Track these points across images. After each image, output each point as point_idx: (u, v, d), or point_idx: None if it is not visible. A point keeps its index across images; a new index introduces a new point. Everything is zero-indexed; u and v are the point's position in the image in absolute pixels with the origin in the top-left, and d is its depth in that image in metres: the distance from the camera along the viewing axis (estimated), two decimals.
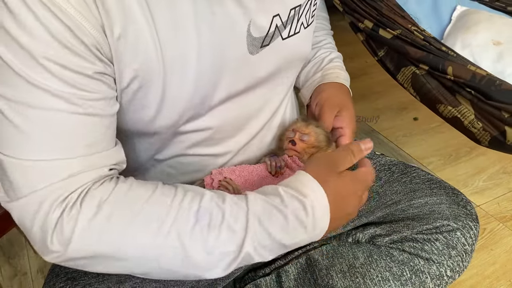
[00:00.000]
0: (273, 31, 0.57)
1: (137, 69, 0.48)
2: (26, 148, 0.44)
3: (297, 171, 0.53)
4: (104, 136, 0.49)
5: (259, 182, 0.62)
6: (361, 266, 0.64)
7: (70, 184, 0.45)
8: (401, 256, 0.65)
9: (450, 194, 0.73)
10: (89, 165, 0.47)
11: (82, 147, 0.46)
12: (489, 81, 0.74)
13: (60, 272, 0.62)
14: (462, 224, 0.68)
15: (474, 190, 1.28)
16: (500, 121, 0.74)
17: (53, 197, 0.44)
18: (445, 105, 0.82)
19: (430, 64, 0.81)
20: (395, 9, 0.87)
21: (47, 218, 0.44)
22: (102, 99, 0.47)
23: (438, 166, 1.37)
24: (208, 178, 0.62)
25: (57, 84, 0.43)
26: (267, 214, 0.47)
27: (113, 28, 0.45)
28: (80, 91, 0.45)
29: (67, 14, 0.42)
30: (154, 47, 0.48)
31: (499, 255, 1.07)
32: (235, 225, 0.46)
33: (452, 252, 0.65)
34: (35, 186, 0.44)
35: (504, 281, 1.01)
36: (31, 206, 0.45)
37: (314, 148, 0.66)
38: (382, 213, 0.72)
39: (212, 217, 0.47)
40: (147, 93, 0.51)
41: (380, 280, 0.63)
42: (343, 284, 0.63)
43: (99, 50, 0.45)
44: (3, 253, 1.10)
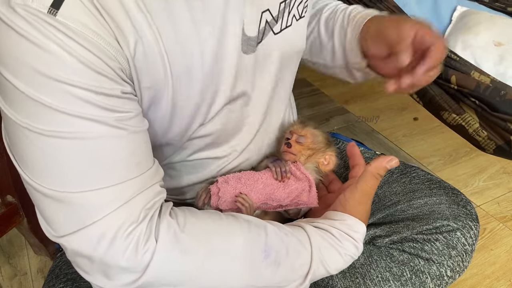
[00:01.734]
0: (263, 27, 0.57)
1: (150, 84, 0.49)
2: (78, 180, 0.44)
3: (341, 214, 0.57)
4: (147, 152, 0.49)
5: (264, 190, 0.62)
6: (361, 267, 0.64)
7: (132, 208, 0.45)
8: (401, 257, 0.65)
9: (450, 194, 0.73)
10: (143, 185, 0.47)
11: (133, 168, 0.46)
12: (493, 91, 0.73)
13: (60, 273, 0.62)
14: (462, 224, 0.68)
15: (474, 190, 1.28)
16: (505, 131, 0.74)
17: (116, 225, 0.44)
18: (449, 112, 0.81)
19: None
20: (395, 10, 0.85)
21: (112, 247, 0.44)
22: (135, 116, 0.47)
23: (438, 166, 1.37)
24: (215, 187, 0.61)
25: (93, 110, 0.43)
26: (327, 253, 0.53)
27: (129, 46, 0.45)
28: (116, 113, 0.44)
29: (88, 40, 0.41)
30: (162, 61, 0.48)
31: (499, 255, 1.07)
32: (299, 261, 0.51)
33: (452, 252, 0.65)
34: (95, 215, 0.44)
35: (504, 281, 1.01)
36: (92, 237, 0.44)
37: (310, 150, 0.66)
38: (381, 214, 0.72)
39: (278, 254, 0.50)
40: (158, 107, 0.51)
41: (380, 281, 0.63)
42: (343, 285, 0.63)
43: (123, 71, 0.46)
44: (3, 253, 1.10)
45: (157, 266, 0.45)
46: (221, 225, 0.50)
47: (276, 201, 0.62)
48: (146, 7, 0.45)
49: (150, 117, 0.52)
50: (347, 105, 1.68)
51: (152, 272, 0.45)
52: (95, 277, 0.46)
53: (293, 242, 0.52)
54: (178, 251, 0.46)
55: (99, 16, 0.42)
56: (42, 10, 0.39)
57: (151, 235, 0.45)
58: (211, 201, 0.61)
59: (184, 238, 0.47)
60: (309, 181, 0.63)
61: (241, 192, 0.61)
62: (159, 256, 0.45)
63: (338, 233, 0.54)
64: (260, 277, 0.49)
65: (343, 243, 0.54)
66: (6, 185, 0.92)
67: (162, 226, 0.46)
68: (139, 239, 0.44)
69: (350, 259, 0.55)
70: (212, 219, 0.51)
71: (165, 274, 0.46)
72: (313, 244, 0.52)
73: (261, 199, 0.61)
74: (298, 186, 0.63)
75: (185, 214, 0.50)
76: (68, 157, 0.43)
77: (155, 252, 0.45)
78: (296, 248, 0.51)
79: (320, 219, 0.57)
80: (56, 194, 0.44)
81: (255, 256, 0.49)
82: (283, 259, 0.50)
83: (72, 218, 0.44)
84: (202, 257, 0.47)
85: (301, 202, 0.63)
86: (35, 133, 0.42)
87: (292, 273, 0.51)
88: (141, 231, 0.45)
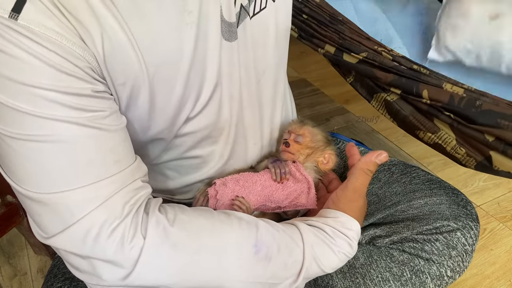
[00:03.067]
0: (238, 11, 0.56)
1: (123, 80, 0.48)
2: (58, 181, 0.44)
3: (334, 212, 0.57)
4: (126, 149, 0.49)
5: (262, 192, 0.61)
6: (361, 267, 0.64)
7: (114, 204, 0.45)
8: (401, 257, 0.65)
9: (450, 194, 0.73)
10: (123, 182, 0.47)
11: (111, 166, 0.46)
12: (468, 101, 0.66)
13: (58, 272, 0.62)
14: (462, 224, 0.68)
15: (474, 190, 1.28)
16: (484, 145, 0.67)
17: (99, 222, 0.44)
18: (424, 131, 0.74)
19: (403, 88, 0.73)
20: (359, 30, 0.80)
21: (98, 244, 0.44)
22: (110, 115, 0.47)
23: (438, 166, 1.37)
24: (212, 190, 0.61)
25: (65, 111, 0.43)
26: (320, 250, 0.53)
27: (95, 44, 0.45)
28: (89, 113, 0.44)
29: (52, 41, 0.41)
30: (135, 56, 0.47)
31: (499, 255, 1.07)
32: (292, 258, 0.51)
33: (452, 253, 0.65)
34: (78, 214, 0.44)
35: (504, 281, 1.01)
36: (78, 235, 0.44)
37: (309, 149, 0.65)
38: (382, 215, 0.72)
39: (269, 249, 0.50)
40: (137, 103, 0.51)
41: (380, 281, 0.63)
42: (343, 285, 0.63)
43: (92, 70, 0.45)
44: (3, 253, 1.10)
45: (147, 261, 0.45)
46: (212, 221, 0.50)
47: (274, 202, 0.62)
48: (112, 2, 0.45)
49: (131, 114, 0.52)
50: (347, 105, 1.67)
51: (142, 267, 0.45)
52: (87, 275, 0.47)
53: (285, 239, 0.51)
54: (168, 246, 0.46)
55: (61, 16, 0.42)
56: (3, 15, 0.40)
57: (137, 230, 0.45)
58: (209, 203, 0.61)
59: (173, 233, 0.47)
60: (308, 183, 0.63)
61: (238, 195, 0.60)
62: (148, 251, 0.45)
63: (331, 231, 0.54)
64: (251, 272, 0.49)
65: (336, 240, 0.53)
66: (6, 185, 0.92)
67: (151, 222, 0.46)
68: (124, 234, 0.45)
69: (344, 257, 0.54)
70: (203, 216, 0.51)
71: (156, 270, 0.46)
72: (306, 241, 0.52)
73: (260, 201, 0.61)
74: (297, 187, 0.63)
75: (175, 210, 0.50)
76: (46, 160, 0.43)
77: (144, 248, 0.45)
78: (288, 245, 0.51)
79: (313, 217, 0.57)
80: (39, 196, 0.44)
81: (246, 251, 0.49)
82: (275, 255, 0.50)
83: (56, 219, 0.45)
84: (193, 252, 0.47)
85: (300, 204, 0.63)
86: (12, 138, 0.43)
87: (285, 270, 0.51)
88: (126, 226, 0.45)
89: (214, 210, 0.54)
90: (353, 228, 0.55)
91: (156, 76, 0.50)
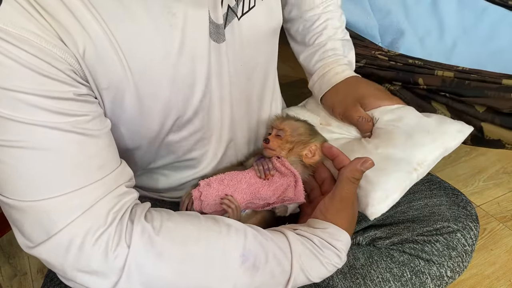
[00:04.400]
0: (226, 12, 0.55)
1: (107, 84, 0.47)
2: (39, 188, 0.43)
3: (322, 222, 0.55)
4: (110, 154, 0.48)
5: (248, 190, 0.60)
6: (362, 267, 0.64)
7: (97, 212, 0.44)
8: (402, 257, 0.65)
9: (450, 195, 0.73)
10: (107, 188, 0.46)
11: (94, 171, 0.45)
12: (459, 83, 0.79)
13: (54, 276, 0.62)
14: (462, 225, 0.68)
15: (474, 190, 1.28)
16: (475, 118, 0.78)
17: (83, 231, 0.43)
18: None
19: (402, 80, 0.87)
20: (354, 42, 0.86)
21: (82, 254, 0.43)
22: (93, 119, 0.46)
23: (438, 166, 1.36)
24: (196, 192, 0.60)
25: (45, 116, 0.42)
26: (308, 261, 0.51)
27: (76, 45, 0.44)
28: (71, 117, 0.43)
29: (31, 43, 0.40)
30: (118, 59, 0.47)
31: (499, 255, 1.07)
32: (279, 268, 0.49)
33: (452, 253, 0.65)
34: (60, 223, 0.43)
35: (504, 281, 1.01)
36: (61, 245, 0.43)
37: (290, 143, 0.63)
38: (381, 216, 0.71)
39: (256, 258, 0.48)
40: (122, 108, 0.50)
41: (380, 281, 0.63)
42: (343, 285, 0.63)
43: (74, 72, 0.44)
44: (3, 253, 1.10)
45: (132, 271, 0.44)
46: (199, 229, 0.49)
47: (262, 199, 0.61)
48: (92, 4, 0.44)
49: (117, 118, 0.51)
50: None
51: (128, 277, 0.44)
52: (76, 285, 0.45)
53: (273, 249, 0.50)
54: (153, 255, 0.45)
55: (39, 17, 0.41)
56: None
57: (121, 239, 0.44)
58: (194, 205, 0.60)
59: (159, 242, 0.46)
60: (295, 176, 0.61)
61: (223, 194, 0.59)
62: (133, 260, 0.44)
63: (320, 242, 0.52)
64: (238, 281, 0.47)
65: (325, 251, 0.52)
66: None
67: (136, 230, 0.45)
68: (108, 243, 0.44)
69: (333, 267, 0.53)
70: (190, 223, 0.49)
71: (142, 279, 0.44)
72: (294, 251, 0.51)
73: (246, 198, 0.60)
74: (283, 182, 0.61)
75: (161, 217, 0.48)
76: (26, 166, 0.42)
77: (128, 257, 0.44)
78: (276, 255, 0.50)
79: (302, 226, 0.56)
80: (20, 204, 0.43)
81: (233, 260, 0.48)
82: (262, 264, 0.49)
83: (39, 228, 0.43)
84: (178, 261, 0.46)
85: (287, 198, 0.62)
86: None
87: (272, 280, 0.49)
88: (110, 235, 0.44)
89: (202, 215, 0.52)
90: (342, 239, 0.54)
91: (141, 79, 0.49)
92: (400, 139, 0.62)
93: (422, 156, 0.60)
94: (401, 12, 1.15)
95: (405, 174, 0.59)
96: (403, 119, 0.64)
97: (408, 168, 0.59)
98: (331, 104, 0.73)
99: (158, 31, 0.48)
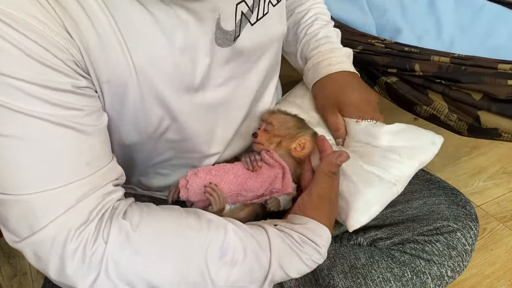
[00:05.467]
0: (239, 19, 0.55)
1: (107, 77, 0.47)
2: (24, 182, 0.42)
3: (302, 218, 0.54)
4: (102, 150, 0.48)
5: (235, 181, 0.60)
6: (363, 267, 0.64)
7: (81, 210, 0.44)
8: (402, 257, 0.65)
9: (449, 195, 0.73)
10: (93, 186, 0.45)
11: (82, 168, 0.44)
12: (455, 68, 0.79)
13: None
14: (462, 225, 0.68)
15: (474, 190, 1.28)
16: (472, 107, 0.78)
17: (66, 228, 0.43)
18: (420, 105, 0.86)
19: (398, 66, 0.86)
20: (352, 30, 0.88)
21: (65, 251, 0.43)
22: (89, 114, 0.45)
23: (438, 166, 1.37)
24: (183, 180, 0.60)
25: (39, 106, 0.41)
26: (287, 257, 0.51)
27: (81, 36, 0.43)
28: (66, 110, 0.43)
29: (34, 30, 0.40)
30: (122, 53, 0.46)
31: (499, 255, 1.07)
32: (257, 264, 0.49)
33: (452, 253, 0.66)
34: (44, 220, 0.42)
35: (504, 281, 1.01)
36: (45, 242, 0.43)
37: (277, 137, 0.63)
38: (381, 215, 0.71)
39: (235, 253, 0.48)
40: (124, 102, 0.50)
41: (381, 281, 0.63)
42: (344, 285, 0.63)
43: (76, 63, 0.44)
44: (3, 253, 1.10)
45: (110, 266, 0.44)
46: (178, 224, 0.49)
47: (250, 191, 0.61)
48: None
49: (117, 113, 0.51)
50: None
51: (106, 273, 0.44)
52: (63, 280, 0.45)
53: (253, 244, 0.50)
54: (130, 251, 0.45)
55: (45, 3, 0.40)
56: None
57: (98, 235, 0.44)
58: (181, 194, 0.60)
59: (135, 238, 0.45)
60: (283, 168, 0.61)
61: (210, 182, 0.59)
62: (110, 256, 0.44)
63: (299, 237, 0.52)
64: (214, 276, 0.47)
65: (304, 247, 0.51)
66: None
67: (113, 228, 0.45)
68: (87, 239, 0.43)
69: (313, 263, 0.52)
70: (170, 219, 0.49)
71: (120, 275, 0.44)
72: (273, 247, 0.50)
73: (233, 189, 0.60)
74: (270, 173, 0.61)
75: (141, 212, 0.48)
76: (13, 157, 0.41)
77: (105, 253, 0.44)
78: (254, 251, 0.49)
79: (283, 221, 0.55)
80: (6, 198, 0.42)
81: (211, 255, 0.47)
82: (240, 260, 0.48)
83: (24, 223, 0.43)
84: (156, 257, 0.46)
85: (275, 189, 0.61)
86: None
87: (250, 275, 0.49)
88: (90, 231, 0.44)
89: (185, 209, 0.52)
90: (322, 234, 0.53)
91: (143, 73, 0.49)
92: (375, 158, 0.62)
93: (399, 173, 0.60)
94: (398, 11, 1.15)
95: (385, 188, 0.60)
96: (378, 137, 0.63)
97: (388, 183, 0.60)
98: (315, 96, 0.73)
99: (161, 28, 0.48)
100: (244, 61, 0.60)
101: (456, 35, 1.12)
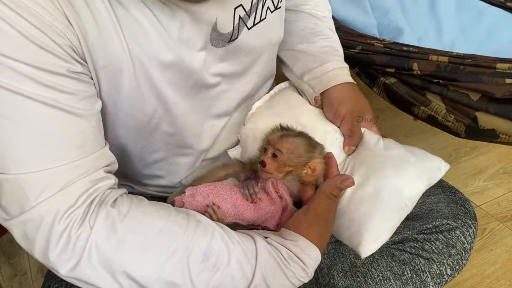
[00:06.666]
0: (237, 23, 0.56)
1: (104, 63, 0.48)
2: (16, 161, 0.43)
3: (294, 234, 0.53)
4: (94, 135, 0.48)
5: (232, 210, 0.58)
6: (362, 266, 0.64)
7: (70, 193, 0.44)
8: (402, 256, 0.65)
9: (448, 193, 0.73)
10: (84, 170, 0.46)
11: (73, 151, 0.45)
12: (453, 68, 0.79)
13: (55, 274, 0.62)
14: (461, 223, 0.68)
15: (474, 190, 1.28)
16: (470, 108, 0.78)
17: (54, 210, 0.43)
18: (418, 106, 0.86)
19: (396, 66, 0.87)
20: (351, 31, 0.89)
21: (51, 233, 0.43)
22: (83, 98, 0.46)
23: None
24: (179, 201, 0.58)
25: (33, 87, 0.41)
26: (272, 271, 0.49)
27: (79, 23, 0.44)
28: (59, 93, 0.43)
29: (33, 14, 0.41)
30: (119, 41, 0.47)
31: (499, 255, 1.07)
32: (240, 273, 0.48)
33: (452, 251, 0.66)
34: (33, 200, 0.43)
35: (504, 281, 1.01)
36: (33, 222, 0.43)
37: (288, 166, 0.57)
38: None
39: (218, 259, 0.48)
40: (118, 87, 0.51)
41: (381, 280, 0.63)
42: (344, 283, 0.63)
43: (73, 49, 0.45)
44: (3, 253, 1.10)
45: (93, 252, 0.44)
46: (166, 221, 0.48)
47: (245, 221, 0.59)
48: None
49: (113, 100, 0.51)
50: None
51: (88, 258, 0.44)
52: (46, 262, 0.45)
53: (238, 253, 0.49)
54: (114, 241, 0.45)
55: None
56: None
57: (85, 220, 0.44)
58: None
59: (121, 229, 0.45)
60: (285, 204, 0.58)
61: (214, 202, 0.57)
62: (94, 242, 0.44)
63: (287, 254, 0.50)
64: (195, 278, 0.47)
65: (291, 264, 0.50)
66: None
67: (100, 215, 0.45)
68: (74, 223, 0.44)
69: (297, 281, 0.51)
70: (159, 214, 0.49)
71: (102, 262, 0.45)
72: (259, 259, 0.49)
73: (229, 218, 0.58)
74: (269, 209, 0.58)
75: (131, 203, 0.48)
76: (4, 136, 0.42)
77: (90, 238, 0.44)
78: (239, 259, 0.49)
79: (274, 234, 0.54)
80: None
81: (194, 257, 0.47)
82: (223, 266, 0.48)
83: (14, 201, 0.43)
84: (139, 249, 0.46)
85: (269, 226, 0.59)
86: None
87: (231, 283, 0.48)
88: (77, 215, 0.44)
89: (176, 207, 0.52)
90: (311, 254, 0.51)
91: (139, 61, 0.49)
92: (389, 171, 0.59)
93: (410, 191, 0.57)
94: (399, 12, 1.15)
95: (396, 211, 0.57)
96: (389, 148, 0.62)
97: (399, 204, 0.57)
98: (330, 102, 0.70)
99: (159, 23, 0.49)
100: (238, 62, 0.61)
101: (457, 38, 1.13)
